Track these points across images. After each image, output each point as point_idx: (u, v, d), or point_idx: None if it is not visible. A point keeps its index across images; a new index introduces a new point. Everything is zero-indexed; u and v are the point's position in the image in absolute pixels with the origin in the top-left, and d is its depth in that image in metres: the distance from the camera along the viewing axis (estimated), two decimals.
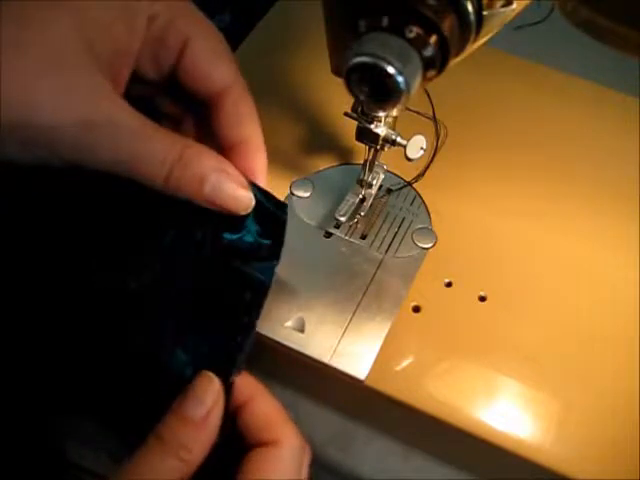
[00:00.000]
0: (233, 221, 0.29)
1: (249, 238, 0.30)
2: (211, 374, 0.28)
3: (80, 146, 0.25)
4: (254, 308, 0.30)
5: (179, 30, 0.28)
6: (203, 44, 0.29)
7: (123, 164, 0.26)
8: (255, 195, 0.30)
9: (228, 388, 0.28)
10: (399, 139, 0.35)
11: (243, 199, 0.29)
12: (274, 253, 0.31)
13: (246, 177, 0.29)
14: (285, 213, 0.31)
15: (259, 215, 0.30)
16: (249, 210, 0.29)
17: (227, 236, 0.30)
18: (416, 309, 0.37)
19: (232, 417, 0.29)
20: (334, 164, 0.43)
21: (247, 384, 0.30)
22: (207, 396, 0.27)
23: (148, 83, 0.29)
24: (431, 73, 0.25)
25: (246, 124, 0.30)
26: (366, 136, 0.35)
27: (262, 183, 0.31)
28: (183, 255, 0.30)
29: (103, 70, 0.26)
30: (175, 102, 0.32)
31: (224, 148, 0.31)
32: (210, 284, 0.30)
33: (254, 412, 0.29)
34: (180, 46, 0.28)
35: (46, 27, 0.24)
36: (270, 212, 0.31)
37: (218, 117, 0.30)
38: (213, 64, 0.29)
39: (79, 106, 0.24)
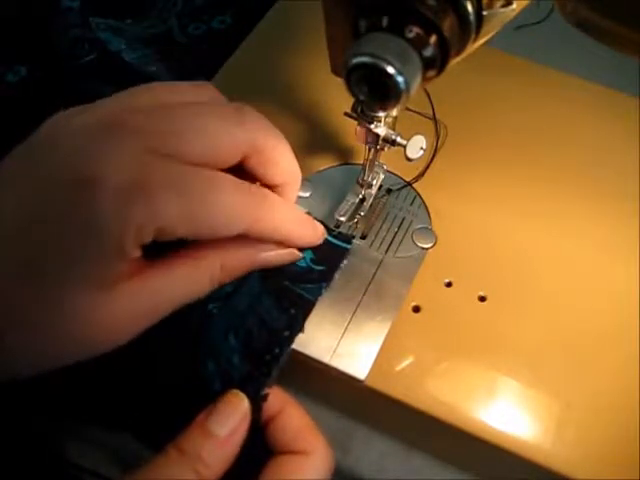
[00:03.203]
0: None
1: (302, 263, 0.32)
2: (241, 393, 0.28)
3: (149, 324, 0.27)
4: (296, 323, 0.30)
5: None
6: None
7: (184, 303, 0.28)
8: None
9: (262, 400, 0.28)
10: (399, 139, 0.35)
11: (292, 256, 0.31)
12: (325, 277, 0.32)
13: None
14: (349, 243, 0.33)
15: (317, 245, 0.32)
16: (301, 258, 0.32)
17: None
18: (416, 309, 0.37)
19: (262, 428, 0.29)
20: (334, 164, 0.43)
21: (277, 396, 0.30)
22: (233, 415, 0.27)
23: None
24: (431, 73, 0.25)
25: (279, 174, 0.30)
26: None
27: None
28: None
29: (124, 264, 0.26)
30: None
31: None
32: (254, 298, 0.31)
33: (285, 424, 0.29)
34: None
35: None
36: (329, 242, 0.33)
37: (251, 173, 0.30)
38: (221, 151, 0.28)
39: (130, 317, 0.26)
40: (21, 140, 0.26)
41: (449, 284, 0.38)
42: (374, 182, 0.39)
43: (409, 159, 0.36)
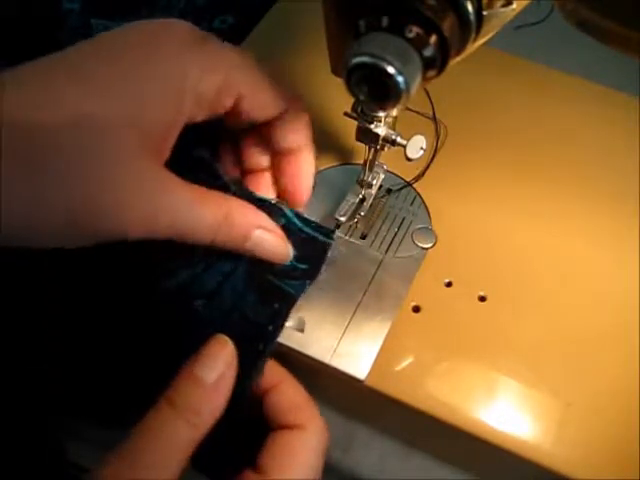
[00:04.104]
0: None
1: (286, 262, 0.32)
2: (225, 337, 0.28)
3: (143, 233, 0.27)
4: (280, 318, 0.31)
5: (230, 91, 0.29)
6: (256, 93, 0.30)
7: (177, 235, 0.28)
8: (295, 223, 0.32)
9: (249, 389, 0.29)
10: (399, 139, 0.35)
11: (282, 251, 0.31)
12: (309, 276, 0.32)
13: (293, 184, 0.33)
14: (330, 238, 0.33)
15: (298, 241, 0.32)
16: (287, 260, 0.32)
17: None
18: (416, 309, 0.37)
19: (259, 401, 0.29)
20: (334, 164, 0.43)
21: (274, 370, 0.30)
22: (219, 360, 0.27)
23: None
24: (431, 73, 0.25)
25: (297, 136, 0.32)
26: (366, 136, 0.35)
27: (307, 187, 0.34)
28: (215, 270, 0.31)
29: (151, 149, 0.27)
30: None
31: (277, 153, 0.33)
32: (239, 295, 0.31)
33: (281, 396, 0.29)
34: (232, 102, 0.29)
35: (102, 131, 0.25)
36: (310, 238, 0.33)
37: (271, 132, 0.32)
38: (267, 106, 0.31)
39: (140, 208, 0.26)
40: None
41: (449, 284, 0.38)
42: (374, 182, 0.39)
43: (409, 159, 0.36)
